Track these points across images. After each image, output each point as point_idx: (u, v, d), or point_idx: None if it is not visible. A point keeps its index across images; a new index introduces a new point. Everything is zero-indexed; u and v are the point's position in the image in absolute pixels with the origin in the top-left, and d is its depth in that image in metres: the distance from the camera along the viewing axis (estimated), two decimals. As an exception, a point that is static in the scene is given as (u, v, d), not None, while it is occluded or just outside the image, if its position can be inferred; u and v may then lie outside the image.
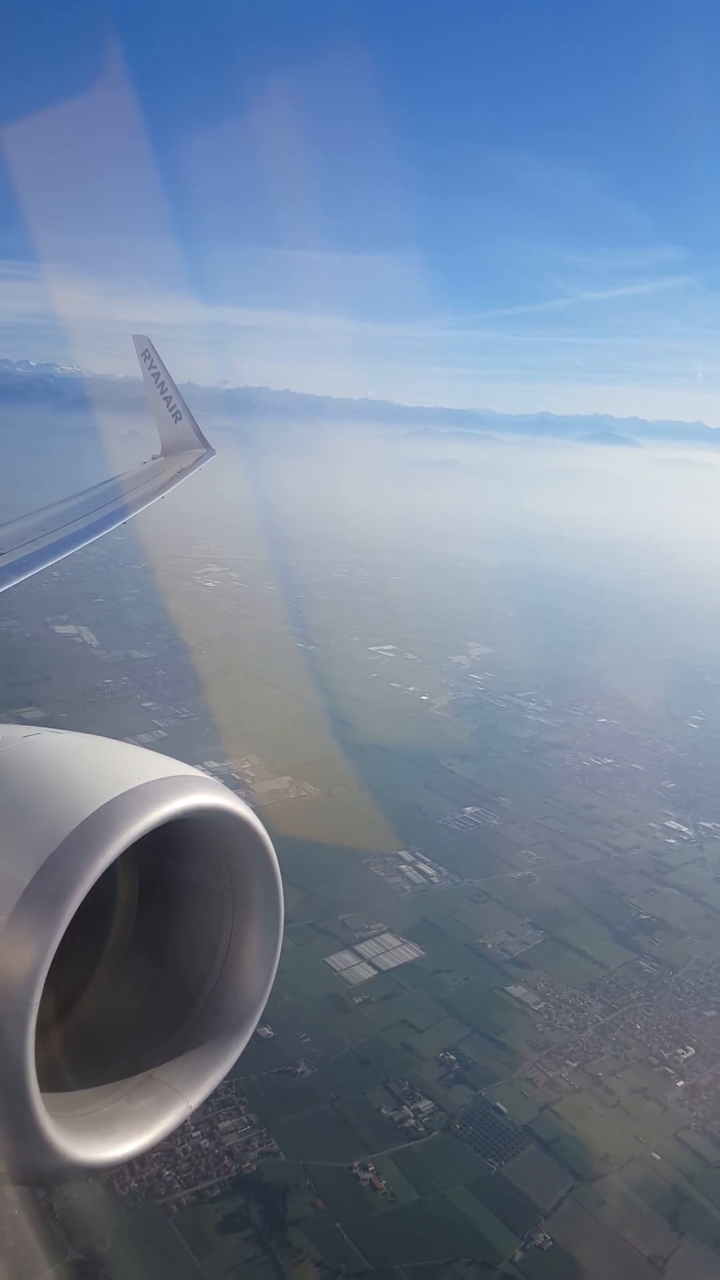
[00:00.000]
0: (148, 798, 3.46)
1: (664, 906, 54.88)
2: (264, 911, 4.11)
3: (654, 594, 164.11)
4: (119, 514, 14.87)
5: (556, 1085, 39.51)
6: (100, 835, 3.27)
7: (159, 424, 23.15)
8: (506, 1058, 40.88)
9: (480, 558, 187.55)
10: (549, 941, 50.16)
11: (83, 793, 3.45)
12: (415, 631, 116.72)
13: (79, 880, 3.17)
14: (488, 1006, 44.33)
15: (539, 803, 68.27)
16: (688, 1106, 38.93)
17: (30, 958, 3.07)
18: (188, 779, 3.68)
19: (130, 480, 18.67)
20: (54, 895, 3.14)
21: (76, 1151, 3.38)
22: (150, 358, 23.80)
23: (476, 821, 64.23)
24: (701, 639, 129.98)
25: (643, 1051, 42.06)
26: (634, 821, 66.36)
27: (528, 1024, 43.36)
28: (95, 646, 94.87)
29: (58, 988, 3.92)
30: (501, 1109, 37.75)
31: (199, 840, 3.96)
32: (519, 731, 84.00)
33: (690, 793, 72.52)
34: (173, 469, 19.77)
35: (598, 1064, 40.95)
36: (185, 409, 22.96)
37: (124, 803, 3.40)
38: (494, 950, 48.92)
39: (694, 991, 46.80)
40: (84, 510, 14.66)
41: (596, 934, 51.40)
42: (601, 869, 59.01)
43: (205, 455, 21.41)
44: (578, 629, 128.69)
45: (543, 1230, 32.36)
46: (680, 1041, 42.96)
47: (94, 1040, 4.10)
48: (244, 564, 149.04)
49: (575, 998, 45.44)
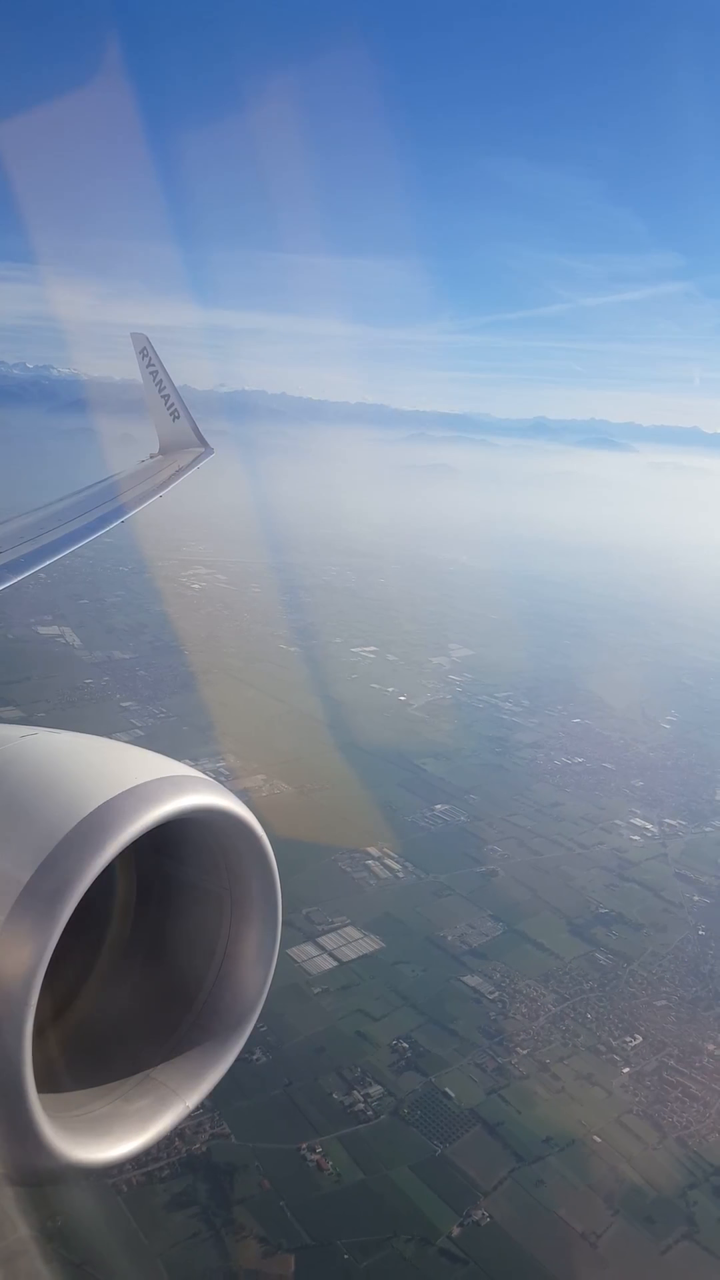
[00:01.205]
0: (145, 798, 3.46)
1: (623, 901, 55.99)
2: (262, 912, 4.10)
3: (639, 597, 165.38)
4: (117, 512, 14.70)
5: (505, 1071, 40.58)
6: (98, 835, 3.27)
7: (157, 422, 22.93)
8: (458, 1045, 41.94)
9: (469, 561, 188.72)
10: (508, 934, 51.25)
11: (80, 793, 3.45)
12: (398, 634, 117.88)
13: (77, 880, 3.17)
14: (443, 996, 45.38)
15: (508, 800, 69.39)
16: (631, 1092, 40.01)
17: (28, 958, 3.06)
18: (186, 779, 3.69)
19: (128, 479, 18.57)
20: (52, 895, 3.13)
21: (73, 1152, 3.37)
22: (148, 356, 23.58)
23: (445, 819, 65.32)
24: (682, 642, 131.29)
25: (591, 1039, 43.13)
26: (600, 819, 67.48)
27: (481, 1013, 44.42)
28: (77, 647, 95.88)
29: (55, 988, 3.91)
30: (449, 1094, 38.81)
31: (197, 840, 3.95)
32: (493, 731, 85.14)
33: (657, 791, 73.68)
34: (171, 468, 19.55)
35: (547, 1051, 42.01)
36: (183, 407, 22.71)
37: (122, 803, 3.41)
38: (453, 942, 49.99)
39: (646, 982, 47.88)
40: (82, 509, 14.49)
41: (555, 927, 52.48)
42: (565, 864, 60.10)
43: (204, 454, 21.26)
44: (560, 631, 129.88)
45: (481, 1208, 33.43)
46: (629, 1030, 44.04)
47: (91, 1040, 4.10)
48: (232, 566, 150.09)
49: (530, 988, 46.51)
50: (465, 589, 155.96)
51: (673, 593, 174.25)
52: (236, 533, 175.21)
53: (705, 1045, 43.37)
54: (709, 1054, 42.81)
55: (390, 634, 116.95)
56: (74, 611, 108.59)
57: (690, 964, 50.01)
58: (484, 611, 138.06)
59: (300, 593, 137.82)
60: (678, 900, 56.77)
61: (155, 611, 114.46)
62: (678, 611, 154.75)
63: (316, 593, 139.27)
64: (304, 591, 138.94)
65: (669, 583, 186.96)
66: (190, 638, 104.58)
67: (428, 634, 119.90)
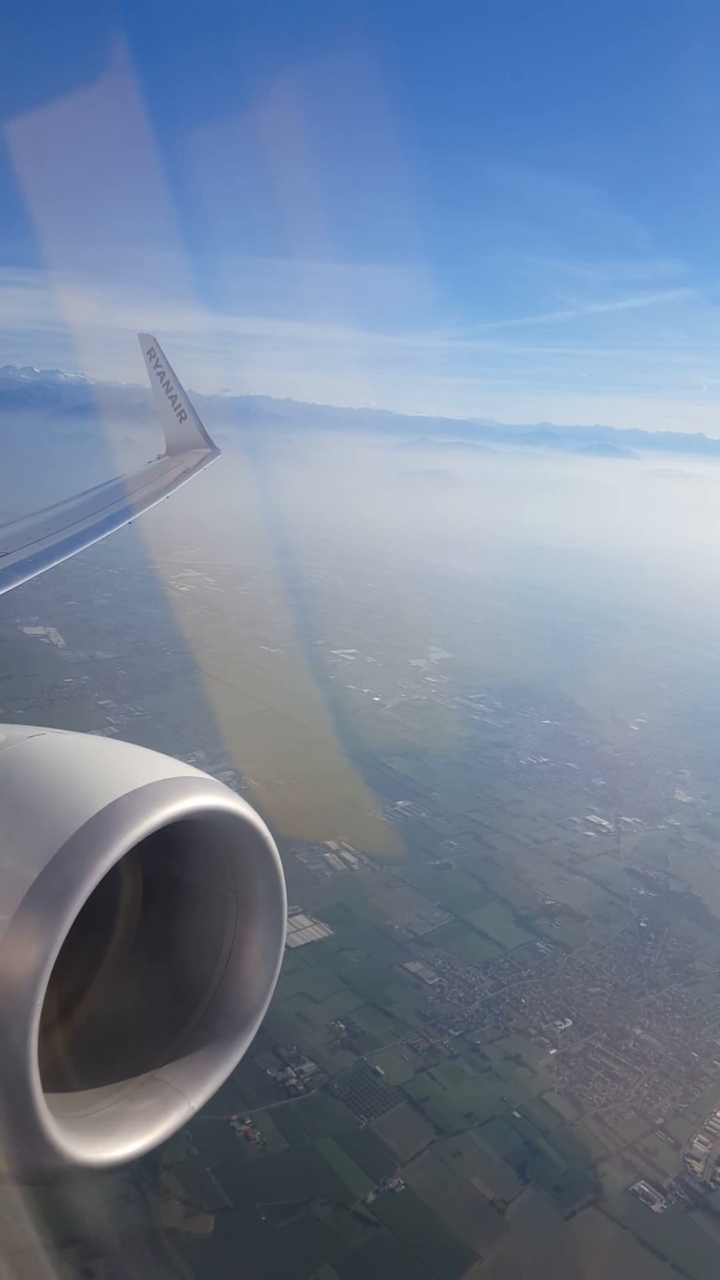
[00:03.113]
0: (152, 798, 3.49)
1: (570, 893, 57.62)
2: (267, 913, 4.13)
3: (624, 602, 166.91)
4: (124, 514, 14.77)
5: (436, 1051, 42.23)
6: (105, 835, 3.30)
7: (164, 423, 22.98)
8: (393, 1026, 43.60)
9: (460, 566, 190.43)
10: (454, 923, 52.91)
11: (87, 793, 3.49)
12: (380, 636, 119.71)
13: (83, 880, 3.20)
14: (384, 981, 47.05)
15: (469, 797, 71.07)
16: (555, 1072, 41.63)
17: (34, 957, 3.10)
18: (192, 780, 3.72)
19: (135, 479, 18.71)
20: (58, 894, 3.17)
21: (78, 1151, 3.40)
22: (155, 357, 23.65)
23: (406, 814, 67.02)
24: (662, 646, 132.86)
25: (523, 1023, 44.77)
26: (557, 815, 69.12)
27: (420, 997, 46.09)
28: (61, 647, 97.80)
29: (61, 987, 3.95)
30: (380, 1071, 40.47)
31: (203, 841, 3.98)
32: (463, 731, 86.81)
33: (617, 790, 75.28)
34: (178, 469, 19.65)
35: (478, 1033, 43.66)
36: (190, 408, 22.83)
37: (128, 803, 3.43)
38: (400, 931, 51.66)
39: (583, 970, 49.51)
40: (89, 510, 14.53)
41: (501, 917, 54.15)
42: (518, 858, 61.75)
43: (210, 455, 21.39)
44: (541, 635, 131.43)
45: (398, 1177, 35.06)
46: (561, 1014, 45.67)
47: (97, 1040, 4.13)
48: (222, 570, 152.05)
49: (469, 974, 48.17)
50: (452, 593, 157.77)
51: (660, 598, 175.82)
52: (231, 537, 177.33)
53: (633, 1030, 44.99)
54: (635, 1038, 44.42)
55: (372, 637, 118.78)
56: (61, 612, 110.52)
57: (629, 954, 51.64)
58: (468, 616, 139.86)
59: (288, 596, 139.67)
60: (624, 893, 58.39)
61: (142, 613, 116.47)
62: (661, 616, 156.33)
63: (304, 596, 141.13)
64: (292, 595, 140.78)
65: (657, 588, 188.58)
66: (174, 639, 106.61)
67: (409, 637, 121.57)
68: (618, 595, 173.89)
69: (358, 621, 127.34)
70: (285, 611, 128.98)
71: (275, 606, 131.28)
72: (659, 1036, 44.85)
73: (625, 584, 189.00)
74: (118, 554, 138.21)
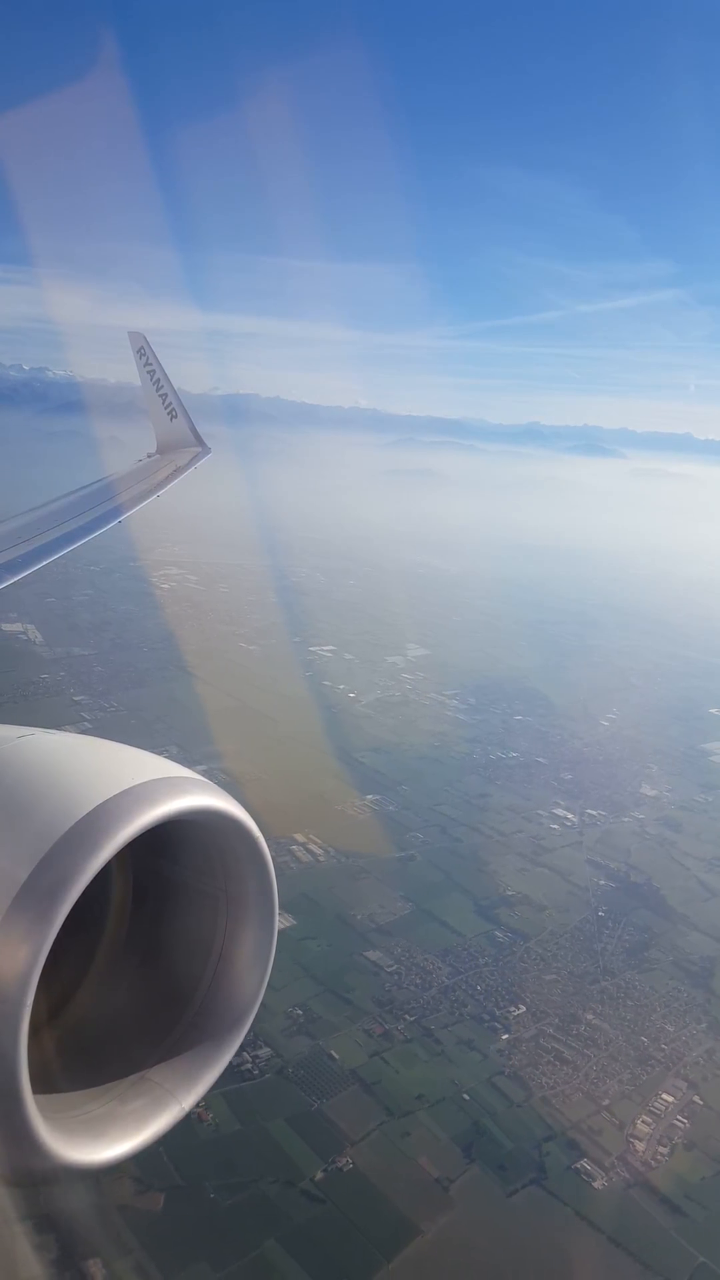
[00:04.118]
0: (142, 798, 3.49)
1: (531, 884, 58.69)
2: (258, 913, 4.13)
3: (604, 601, 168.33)
4: (114, 513, 14.72)
5: (390, 1036, 43.18)
6: (94, 835, 3.31)
7: (154, 422, 22.91)
8: (350, 1012, 44.53)
9: (441, 564, 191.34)
10: (415, 913, 53.87)
11: (77, 793, 3.48)
12: (357, 634, 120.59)
13: (73, 880, 3.20)
14: (344, 969, 47.97)
15: (437, 791, 72.06)
16: (507, 1056, 42.65)
17: (24, 957, 3.09)
18: (183, 780, 3.71)
19: (125, 478, 18.63)
20: (48, 894, 3.17)
21: (68, 1153, 3.40)
22: (146, 355, 23.64)
23: (374, 808, 67.93)
24: (638, 644, 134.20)
25: (478, 1009, 45.77)
26: (524, 809, 70.19)
27: (378, 984, 47.03)
28: (38, 643, 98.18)
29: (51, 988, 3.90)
30: (334, 1055, 41.38)
31: (194, 841, 3.98)
32: (436, 727, 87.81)
33: (584, 784, 76.40)
34: (168, 468, 19.60)
35: (433, 1019, 44.63)
36: (181, 407, 22.76)
37: (118, 803, 3.44)
38: (362, 920, 52.58)
39: (539, 958, 50.56)
40: (79, 509, 14.51)
41: (461, 907, 55.15)
42: (482, 850, 62.80)
43: (201, 454, 21.33)
44: (519, 633, 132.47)
45: (346, 1156, 36.02)
46: (515, 1001, 46.69)
47: (87, 1041, 4.12)
48: (204, 567, 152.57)
49: (427, 962, 49.14)
50: (433, 592, 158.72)
51: (640, 596, 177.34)
52: (215, 535, 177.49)
53: (585, 1015, 46.05)
54: (587, 1023, 45.48)
55: (350, 634, 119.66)
56: (40, 609, 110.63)
57: (585, 942, 52.73)
58: (447, 613, 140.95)
59: (268, 594, 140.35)
60: (584, 884, 59.50)
61: (121, 610, 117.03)
62: (640, 614, 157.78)
63: (284, 594, 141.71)
64: (272, 593, 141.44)
65: (637, 586, 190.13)
66: (152, 635, 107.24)
67: (388, 634, 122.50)
68: (599, 594, 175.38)
69: (336, 619, 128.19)
70: (265, 609, 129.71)
71: (255, 604, 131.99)
72: (610, 1022, 45.94)
73: (607, 582, 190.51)
74: (99, 551, 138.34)
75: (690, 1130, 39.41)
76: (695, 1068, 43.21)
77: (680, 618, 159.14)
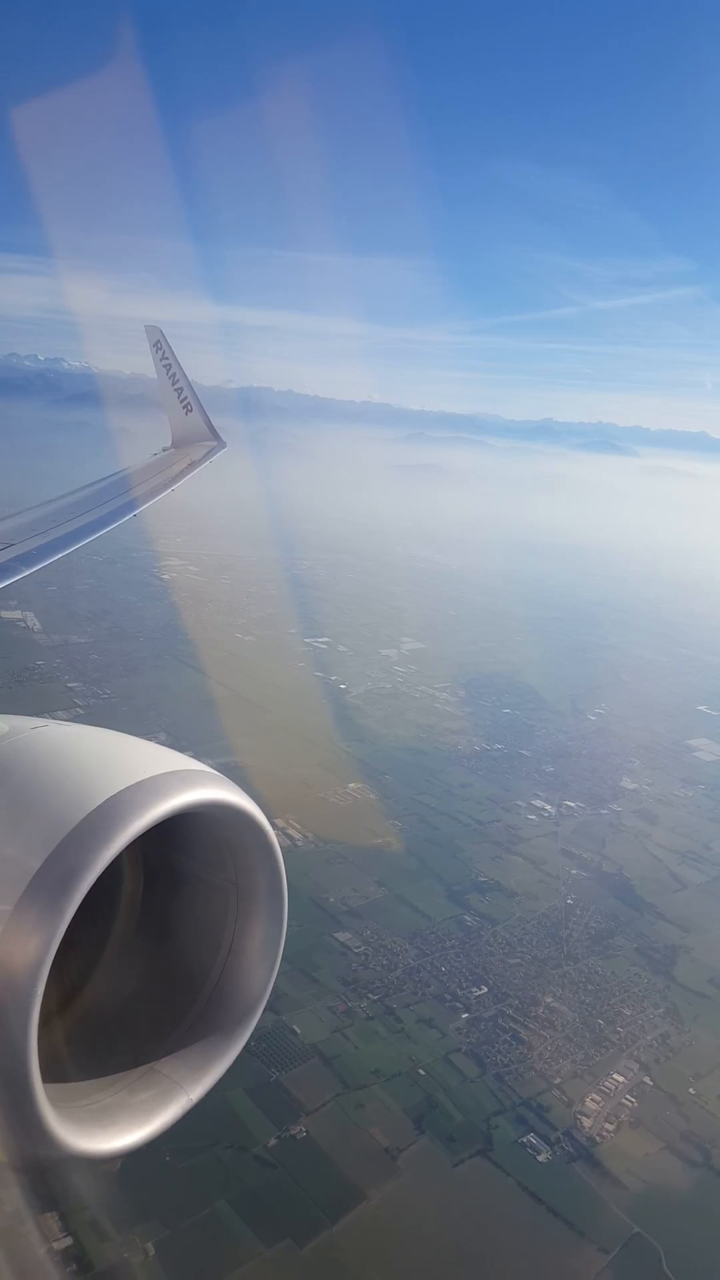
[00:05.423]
0: (154, 791, 3.52)
1: (503, 871, 59.84)
2: (268, 906, 4.16)
3: (603, 598, 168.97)
4: (129, 506, 14.81)
5: (353, 1014, 44.48)
6: (107, 827, 3.33)
7: (170, 416, 23.05)
8: (315, 990, 45.79)
9: (442, 559, 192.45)
10: (387, 897, 55.10)
11: (90, 785, 3.51)
12: (354, 626, 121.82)
13: (85, 871, 3.22)
14: (313, 948, 49.19)
15: (420, 781, 73.25)
16: (465, 1034, 43.85)
17: (35, 947, 3.11)
18: (195, 773, 3.75)
19: (141, 472, 18.66)
20: (60, 885, 3.19)
21: (77, 1142, 3.43)
22: (162, 349, 23.80)
23: (356, 796, 69.16)
24: (631, 640, 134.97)
25: (440, 989, 47.00)
26: (503, 799, 71.30)
27: (345, 964, 48.30)
28: (36, 631, 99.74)
29: (62, 978, 3.95)
30: (296, 1030, 42.65)
31: (205, 834, 4.01)
32: (423, 719, 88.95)
33: (565, 776, 77.43)
34: (183, 461, 19.69)
35: (396, 998, 45.89)
36: (196, 401, 22.95)
37: (131, 795, 3.46)
38: (334, 903, 53.82)
39: (505, 942, 51.73)
40: (95, 502, 14.64)
41: (433, 892, 56.36)
42: (458, 838, 63.97)
43: (216, 448, 21.48)
44: (515, 628, 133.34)
45: (301, 1125, 37.33)
46: (477, 982, 47.89)
47: (97, 1031, 4.15)
48: (206, 559, 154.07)
49: (395, 944, 50.38)
50: (431, 585, 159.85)
51: (639, 593, 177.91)
52: (221, 527, 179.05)
53: (544, 997, 47.21)
54: (545, 1005, 46.64)
55: (346, 626, 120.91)
56: (40, 597, 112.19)
57: (552, 928, 53.85)
58: (444, 607, 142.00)
59: (267, 585, 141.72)
60: (556, 873, 60.60)
61: (120, 600, 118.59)
62: (637, 612, 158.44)
63: (284, 586, 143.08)
64: (271, 584, 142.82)
65: (638, 584, 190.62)
66: (149, 625, 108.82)
67: (383, 627, 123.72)
68: (598, 590, 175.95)
69: (333, 611, 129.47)
70: (264, 600, 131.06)
71: (255, 595, 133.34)
72: (569, 1004, 47.09)
73: (607, 580, 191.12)
74: (103, 541, 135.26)
75: (638, 1109, 40.53)
76: (648, 1050, 44.34)
77: (676, 615, 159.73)
